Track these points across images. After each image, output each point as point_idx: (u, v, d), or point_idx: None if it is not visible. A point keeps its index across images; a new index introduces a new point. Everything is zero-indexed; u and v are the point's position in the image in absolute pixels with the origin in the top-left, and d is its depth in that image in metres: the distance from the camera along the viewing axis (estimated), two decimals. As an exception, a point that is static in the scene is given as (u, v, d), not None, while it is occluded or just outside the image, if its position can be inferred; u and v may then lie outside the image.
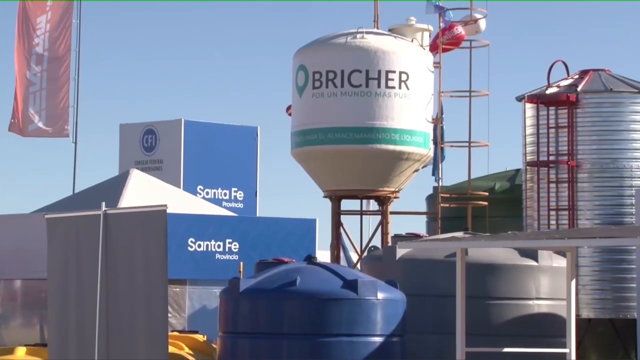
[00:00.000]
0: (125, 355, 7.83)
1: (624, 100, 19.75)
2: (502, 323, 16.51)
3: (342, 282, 15.79)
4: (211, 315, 18.77)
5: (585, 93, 19.72)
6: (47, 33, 29.72)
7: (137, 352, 7.77)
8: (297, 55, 25.58)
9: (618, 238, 15.17)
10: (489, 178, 26.53)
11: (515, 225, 21.51)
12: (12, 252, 22.23)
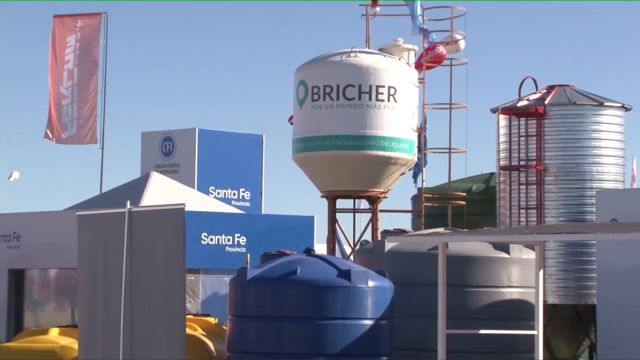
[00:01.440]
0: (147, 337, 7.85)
1: (585, 112, 19.78)
2: (478, 308, 16.56)
3: (337, 272, 15.84)
4: (222, 300, 18.77)
5: (551, 106, 19.75)
6: (77, 51, 29.74)
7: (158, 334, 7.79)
8: (297, 72, 25.59)
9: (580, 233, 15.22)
10: (466, 180, 26.55)
11: (490, 222, 21.53)
12: (46, 244, 22.25)
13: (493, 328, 14.98)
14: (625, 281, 15.68)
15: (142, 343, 7.94)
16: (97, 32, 29.98)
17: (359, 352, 15.56)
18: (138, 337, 7.95)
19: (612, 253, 16.23)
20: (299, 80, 25.33)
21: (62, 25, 30.26)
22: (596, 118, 19.87)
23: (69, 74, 29.72)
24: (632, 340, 15.41)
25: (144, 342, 7.93)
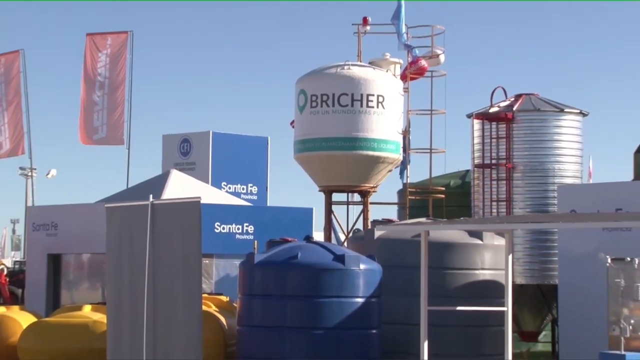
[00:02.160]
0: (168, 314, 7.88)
1: (548, 117, 19.81)
2: (456, 287, 16.57)
3: (333, 257, 15.87)
4: (232, 281, 18.79)
5: (519, 112, 19.78)
6: (107, 65, 29.75)
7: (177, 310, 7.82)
8: (298, 82, 25.60)
9: (544, 223, 15.27)
10: (445, 177, 26.54)
11: (466, 213, 21.55)
12: (80, 232, 22.29)
13: (468, 305, 15.01)
14: (582, 264, 15.72)
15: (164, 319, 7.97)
16: (124, 48, 29.98)
17: (351, 326, 15.61)
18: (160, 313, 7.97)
19: (571, 240, 16.26)
20: (300, 89, 25.37)
21: (93, 42, 30.26)
22: (557, 122, 19.90)
23: (100, 85, 29.77)
24: (588, 315, 15.45)
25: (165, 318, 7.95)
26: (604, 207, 15.35)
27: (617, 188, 16.91)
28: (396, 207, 27.52)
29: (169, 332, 7.94)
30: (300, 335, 15.54)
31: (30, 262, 25.35)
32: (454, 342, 15.30)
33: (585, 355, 14.39)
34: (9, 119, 32.58)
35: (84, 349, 17.35)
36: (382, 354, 16.02)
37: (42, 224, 23.81)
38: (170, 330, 7.93)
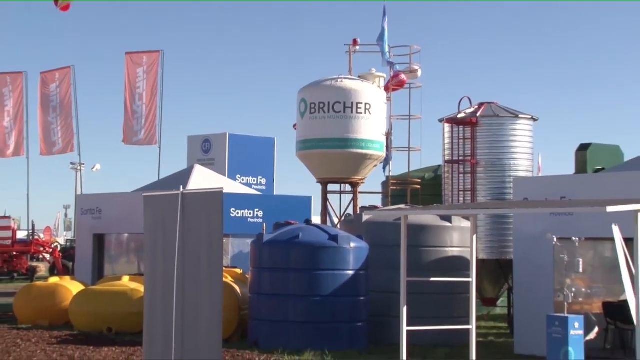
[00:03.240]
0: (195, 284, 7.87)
1: (505, 122, 19.76)
2: (430, 262, 16.59)
3: (328, 236, 15.93)
4: (245, 257, 18.80)
5: (481, 117, 19.74)
6: (145, 80, 29.76)
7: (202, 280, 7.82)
8: (300, 92, 25.56)
9: (501, 208, 15.28)
10: (421, 171, 26.52)
11: (438, 200, 21.53)
12: (121, 216, 22.31)
13: (440, 276, 15.00)
14: (533, 243, 15.71)
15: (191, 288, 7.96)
16: (157, 65, 29.98)
17: (343, 294, 15.67)
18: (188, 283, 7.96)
19: (524, 222, 16.26)
20: (301, 98, 25.35)
21: (132, 60, 30.29)
22: (513, 126, 19.86)
23: (139, 96, 29.83)
24: (537, 284, 15.45)
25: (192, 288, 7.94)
26: (551, 195, 15.35)
27: (561, 180, 16.90)
28: (380, 195, 27.51)
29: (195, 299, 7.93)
30: (301, 302, 15.60)
31: (79, 241, 25.37)
32: (428, 307, 15.31)
33: (535, 318, 14.40)
34: (61, 123, 32.64)
35: (123, 312, 17.40)
36: (368, 317, 16.06)
37: (89, 209, 23.84)
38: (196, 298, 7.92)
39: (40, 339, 16.47)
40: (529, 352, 14.91)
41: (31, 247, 39.02)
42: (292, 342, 14.97)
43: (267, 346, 15.09)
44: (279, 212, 20.88)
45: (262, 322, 15.76)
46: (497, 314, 21.57)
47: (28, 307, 19.68)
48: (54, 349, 15.14)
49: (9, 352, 14.81)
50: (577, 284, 15.25)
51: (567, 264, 15.07)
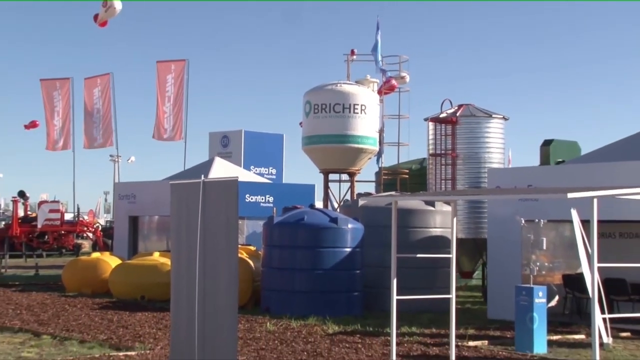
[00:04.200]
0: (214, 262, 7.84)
1: (481, 121, 19.74)
2: (416, 241, 16.61)
3: (329, 219, 15.94)
4: (258, 236, 18.86)
5: (460, 117, 19.70)
6: (172, 85, 29.74)
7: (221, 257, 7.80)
8: (305, 95, 25.55)
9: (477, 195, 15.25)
10: (409, 162, 26.51)
11: (423, 188, 21.57)
12: (152, 201, 22.33)
13: (425, 253, 15.03)
14: (504, 224, 15.71)
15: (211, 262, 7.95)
16: (183, 72, 29.94)
17: (342, 268, 15.69)
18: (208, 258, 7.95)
19: (496, 207, 16.27)
20: (306, 100, 25.34)
21: (163, 68, 30.24)
22: (487, 124, 19.83)
23: (168, 98, 29.84)
24: (507, 259, 15.46)
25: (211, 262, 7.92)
26: (519, 184, 15.34)
27: (528, 171, 16.90)
28: (374, 184, 27.57)
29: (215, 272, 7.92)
30: (305, 274, 15.62)
31: (116, 222, 25.42)
32: (415, 279, 15.28)
33: (505, 288, 14.41)
34: (102, 122, 32.70)
35: (153, 282, 17.45)
36: (363, 287, 16.09)
37: (125, 195, 23.85)
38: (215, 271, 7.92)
39: (85, 305, 16.55)
40: (500, 317, 14.93)
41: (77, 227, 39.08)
42: (298, 309, 14.99)
43: (277, 312, 15.11)
44: (287, 197, 20.95)
45: (273, 292, 15.79)
46: (473, 285, 21.61)
47: (74, 278, 19.77)
48: (96, 314, 15.20)
49: (58, 315, 14.88)
50: (541, 259, 15.25)
51: (532, 242, 15.12)
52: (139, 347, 11.27)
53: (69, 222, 39.36)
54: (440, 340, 12.25)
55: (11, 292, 19.40)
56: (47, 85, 34.88)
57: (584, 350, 11.66)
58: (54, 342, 11.87)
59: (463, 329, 13.10)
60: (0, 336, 12.49)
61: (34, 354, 10.71)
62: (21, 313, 15.24)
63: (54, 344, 11.71)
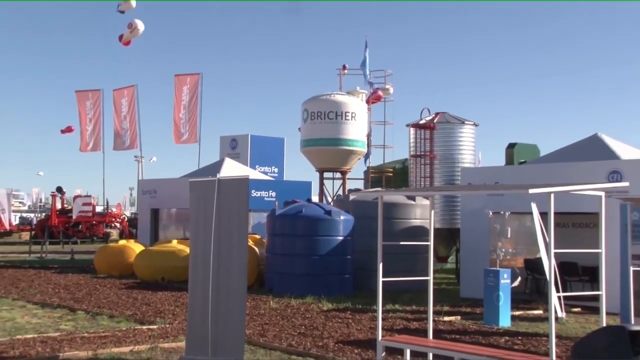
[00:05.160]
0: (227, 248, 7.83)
1: (455, 127, 19.78)
2: (399, 230, 16.63)
3: (324, 211, 15.94)
4: (262, 226, 18.84)
5: (437, 123, 19.74)
6: (188, 95, 29.69)
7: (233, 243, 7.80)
8: (303, 104, 25.51)
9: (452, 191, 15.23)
10: (393, 162, 26.55)
11: (405, 185, 21.56)
12: (171, 195, 22.32)
13: (407, 241, 15.03)
14: (474, 215, 15.77)
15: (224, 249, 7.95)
16: (197, 84, 29.89)
17: (335, 254, 15.68)
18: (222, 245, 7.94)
19: (468, 201, 16.31)
20: (304, 108, 25.30)
21: (179, 80, 30.17)
22: (460, 130, 19.88)
23: (184, 107, 29.75)
24: (477, 246, 15.51)
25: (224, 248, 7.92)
26: (488, 181, 15.38)
27: (495, 170, 16.94)
28: (363, 181, 27.57)
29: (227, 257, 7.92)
30: (303, 259, 15.62)
31: (140, 213, 25.40)
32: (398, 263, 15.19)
33: (475, 271, 14.46)
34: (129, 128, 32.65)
35: (172, 266, 17.45)
36: (353, 271, 16.10)
37: (147, 190, 23.80)
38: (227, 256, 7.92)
39: (113, 285, 16.53)
40: (470, 296, 14.98)
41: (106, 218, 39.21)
42: (297, 289, 14.99)
43: (279, 292, 15.12)
44: (287, 193, 20.93)
45: (275, 274, 15.79)
46: (448, 268, 21.66)
47: (104, 261, 19.74)
48: (122, 292, 15.19)
49: (90, 294, 14.88)
50: (506, 245, 15.28)
51: (499, 231, 15.14)
52: (160, 321, 11.27)
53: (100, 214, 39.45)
54: (419, 316, 12.28)
55: (51, 273, 19.41)
56: (81, 96, 34.94)
57: (541, 323, 11.72)
58: (87, 316, 11.88)
59: (439, 306, 13.12)
60: (42, 311, 12.50)
61: (71, 327, 10.71)
62: (59, 292, 15.23)
63: (87, 318, 11.71)
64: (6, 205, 39.74)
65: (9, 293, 14.91)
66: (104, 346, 9.01)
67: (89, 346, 9.01)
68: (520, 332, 10.91)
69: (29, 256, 26.26)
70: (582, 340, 5.31)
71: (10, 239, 38.44)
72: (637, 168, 13.39)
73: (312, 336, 10.07)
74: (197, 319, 8.24)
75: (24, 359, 8.29)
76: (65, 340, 9.46)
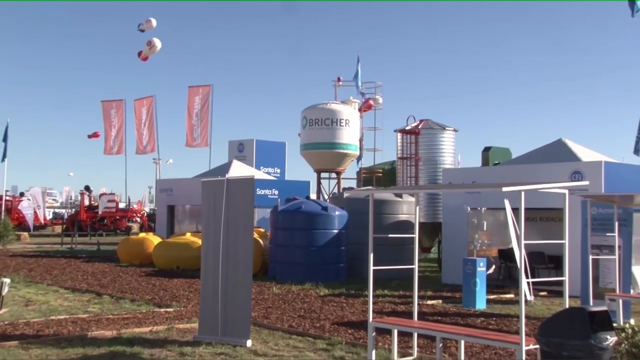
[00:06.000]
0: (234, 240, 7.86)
1: (437, 132, 19.75)
2: (388, 224, 16.60)
3: (321, 207, 15.92)
4: (266, 220, 18.82)
5: (422, 129, 19.70)
6: (200, 104, 29.62)
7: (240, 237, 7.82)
8: (302, 112, 25.49)
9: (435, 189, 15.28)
10: (382, 164, 26.57)
11: (393, 184, 21.62)
12: (184, 193, 22.29)
13: (394, 233, 15.07)
14: (455, 211, 15.79)
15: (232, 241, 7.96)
16: (208, 94, 29.83)
17: (331, 245, 15.67)
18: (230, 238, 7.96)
19: (449, 198, 16.32)
20: (303, 116, 25.27)
21: (192, 91, 30.11)
22: (442, 135, 19.86)
23: (196, 114, 29.67)
24: (457, 238, 15.53)
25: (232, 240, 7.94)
26: (466, 181, 15.40)
27: (472, 171, 16.95)
28: (355, 180, 27.59)
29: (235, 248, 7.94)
30: (303, 250, 15.60)
31: (158, 209, 25.34)
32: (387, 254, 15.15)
33: (455, 260, 14.49)
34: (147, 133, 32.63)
35: (187, 256, 17.44)
36: (347, 260, 16.08)
37: (164, 189, 23.77)
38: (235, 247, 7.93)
39: (134, 273, 16.52)
40: (451, 282, 15.00)
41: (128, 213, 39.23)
42: (297, 276, 15.00)
43: (281, 279, 15.12)
44: (288, 191, 20.95)
45: (277, 264, 15.78)
46: (431, 258, 21.67)
47: (126, 252, 19.73)
48: (142, 279, 15.20)
49: (114, 280, 14.88)
50: (482, 237, 15.31)
51: (476, 225, 15.19)
52: (175, 305, 11.27)
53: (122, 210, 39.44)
54: (405, 300, 12.29)
55: (79, 262, 19.41)
56: (106, 105, 34.99)
57: (513, 306, 11.75)
58: (112, 300, 11.88)
59: (423, 291, 13.15)
60: (72, 295, 12.50)
61: (97, 309, 10.72)
62: (87, 278, 15.23)
63: (112, 302, 11.71)
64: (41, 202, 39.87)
65: (44, 279, 14.93)
66: (127, 326, 9.02)
67: (113, 326, 9.02)
68: (495, 313, 10.93)
69: (61, 247, 26.27)
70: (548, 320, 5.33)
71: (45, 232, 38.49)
72: (595, 169, 13.44)
73: (311, 318, 10.08)
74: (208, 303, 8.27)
75: (58, 337, 8.31)
76: (92, 321, 9.48)
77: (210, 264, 8.20)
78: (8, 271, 16.46)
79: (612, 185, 13.14)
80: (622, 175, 13.71)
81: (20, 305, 11.09)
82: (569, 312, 5.24)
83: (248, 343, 7.88)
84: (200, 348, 7.74)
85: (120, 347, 7.69)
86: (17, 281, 14.31)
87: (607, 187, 13.07)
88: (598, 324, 5.04)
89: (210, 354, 7.46)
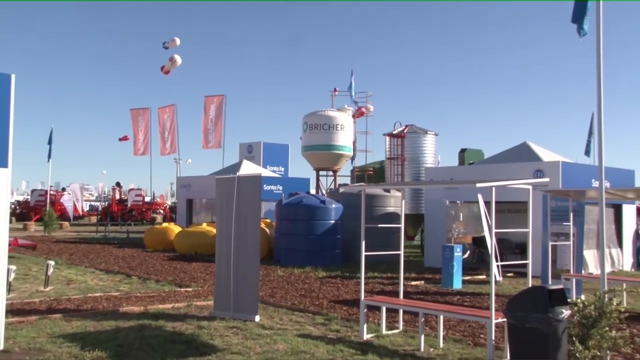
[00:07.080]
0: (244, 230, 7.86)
1: (420, 136, 19.76)
2: (378, 216, 16.62)
3: (320, 201, 15.91)
4: (272, 212, 18.84)
5: (407, 133, 19.72)
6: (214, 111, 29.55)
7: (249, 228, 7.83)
8: (303, 118, 25.53)
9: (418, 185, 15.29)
10: (373, 163, 26.61)
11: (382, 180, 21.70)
12: (201, 189, 22.27)
13: (383, 224, 15.10)
14: (435, 204, 15.80)
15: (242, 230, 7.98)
16: (222, 103, 29.77)
17: (328, 234, 15.65)
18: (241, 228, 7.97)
19: (430, 192, 16.34)
20: (304, 121, 25.29)
21: (208, 100, 30.05)
22: (424, 138, 19.86)
23: (211, 120, 29.60)
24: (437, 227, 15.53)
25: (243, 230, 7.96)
26: (446, 177, 15.43)
27: (450, 169, 16.95)
28: (349, 178, 27.59)
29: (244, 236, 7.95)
30: (304, 238, 15.58)
31: (178, 203, 25.36)
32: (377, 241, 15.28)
33: (436, 246, 14.52)
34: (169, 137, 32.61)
35: (203, 243, 17.44)
36: (343, 247, 16.09)
37: (184, 185, 23.79)
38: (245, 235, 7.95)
39: (159, 257, 16.53)
40: (432, 265, 15.03)
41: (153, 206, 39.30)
42: (299, 261, 15.02)
43: (285, 263, 15.14)
44: (291, 187, 20.95)
45: (282, 250, 15.80)
46: (415, 244, 21.68)
47: (151, 239, 19.74)
48: (165, 263, 15.21)
49: (142, 264, 14.90)
50: (459, 227, 15.34)
51: (453, 216, 15.21)
52: (194, 285, 11.30)
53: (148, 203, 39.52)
54: (392, 281, 12.33)
55: (112, 247, 19.43)
56: (134, 112, 35.02)
57: (485, 285, 11.79)
58: (139, 281, 11.90)
59: (408, 273, 13.18)
60: (106, 276, 12.54)
61: (127, 288, 10.75)
62: (118, 262, 15.25)
63: (139, 282, 11.73)
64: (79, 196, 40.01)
65: (82, 262, 14.97)
66: (152, 303, 9.06)
67: (141, 303, 9.07)
68: (469, 292, 10.97)
69: (96, 234, 26.33)
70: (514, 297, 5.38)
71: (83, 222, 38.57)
72: (554, 168, 13.51)
73: (310, 297, 10.12)
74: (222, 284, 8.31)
75: (94, 311, 8.37)
76: (123, 298, 9.53)
77: (223, 250, 8.23)
78: (52, 255, 16.56)
79: (568, 181, 13.22)
80: (576, 173, 13.82)
81: (63, 284, 11.16)
82: (531, 290, 5.29)
83: (256, 318, 7.92)
84: (215, 322, 7.78)
85: (147, 321, 7.73)
86: (60, 263, 14.40)
87: (564, 183, 13.14)
88: (555, 300, 5.10)
89: (223, 327, 7.50)
